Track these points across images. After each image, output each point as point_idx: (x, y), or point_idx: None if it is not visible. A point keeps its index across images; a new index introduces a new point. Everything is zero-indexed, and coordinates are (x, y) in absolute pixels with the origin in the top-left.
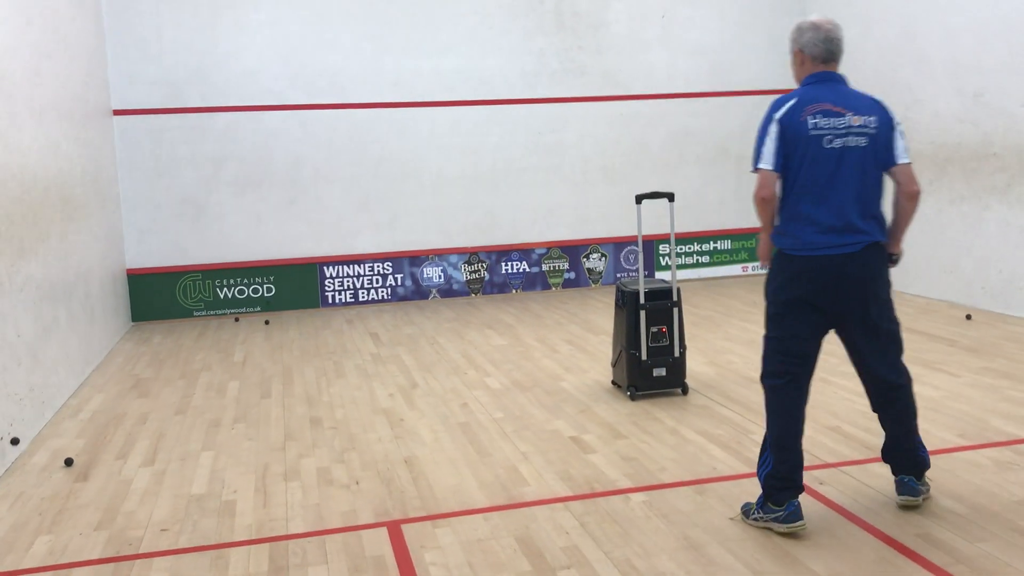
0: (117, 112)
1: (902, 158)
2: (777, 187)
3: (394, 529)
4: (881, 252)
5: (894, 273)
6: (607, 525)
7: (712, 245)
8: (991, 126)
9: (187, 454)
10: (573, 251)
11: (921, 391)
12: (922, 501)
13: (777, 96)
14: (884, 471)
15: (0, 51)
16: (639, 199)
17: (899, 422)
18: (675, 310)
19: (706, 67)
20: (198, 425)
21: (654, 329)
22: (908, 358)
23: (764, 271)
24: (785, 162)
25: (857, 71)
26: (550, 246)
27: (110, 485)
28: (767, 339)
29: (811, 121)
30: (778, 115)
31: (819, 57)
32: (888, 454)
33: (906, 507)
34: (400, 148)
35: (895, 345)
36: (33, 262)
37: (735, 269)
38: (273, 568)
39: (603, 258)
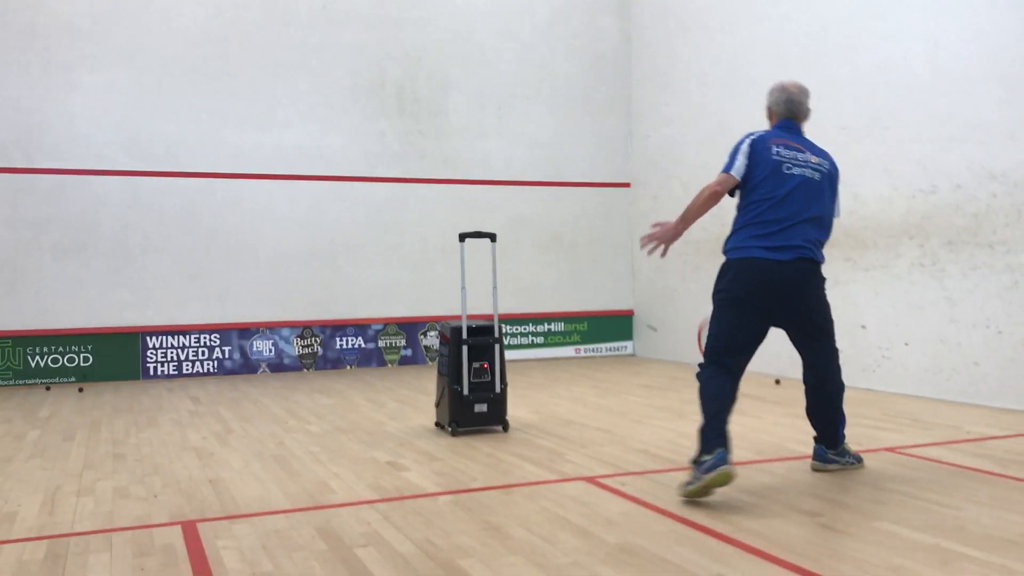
0: None
1: (839, 214)
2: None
3: (189, 527)
4: (815, 266)
5: None
6: (411, 517)
7: (546, 327)
8: None
9: None
10: (411, 328)
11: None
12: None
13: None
14: (683, 478)
15: None
16: (462, 237)
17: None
18: (496, 346)
19: (540, 157)
20: None
21: (476, 365)
22: None
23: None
24: (746, 179)
25: None
26: (387, 322)
27: None
28: (709, 336)
29: (775, 149)
30: (751, 138)
31: (781, 114)
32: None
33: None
34: (236, 220)
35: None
36: None
37: (568, 351)
38: (50, 556)
39: (439, 335)
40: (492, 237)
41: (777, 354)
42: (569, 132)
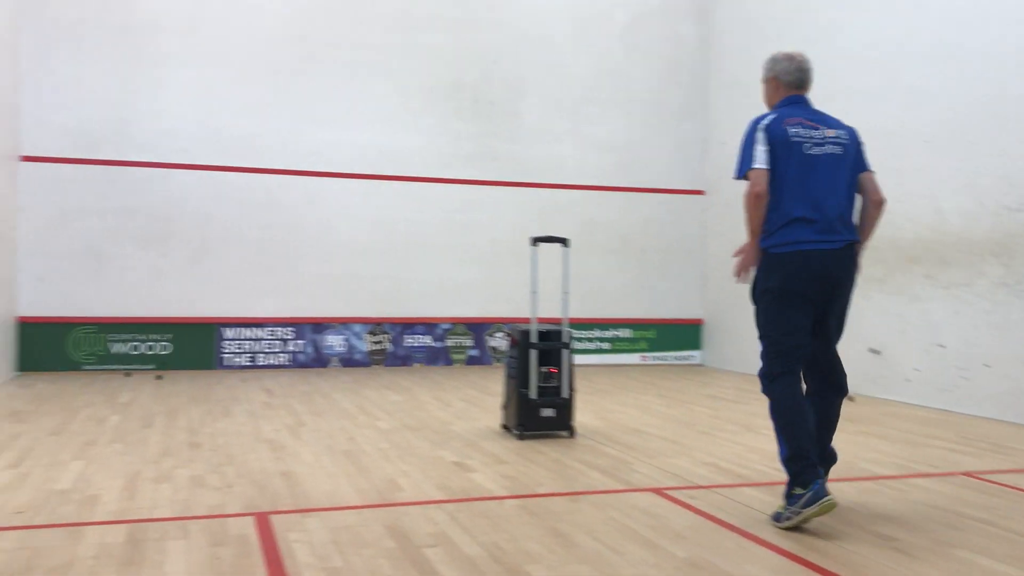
0: (26, 158)
1: (869, 166)
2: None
3: (262, 518)
4: (855, 252)
5: None
6: (478, 519)
7: (613, 333)
8: None
9: (55, 463)
10: (478, 328)
11: None
12: None
13: (754, 117)
14: (753, 494)
15: None
16: (535, 241)
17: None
18: (564, 351)
19: (613, 162)
20: (72, 444)
21: (544, 369)
22: None
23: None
24: (771, 166)
25: None
26: (456, 322)
27: None
28: (763, 339)
29: (791, 130)
30: (762, 124)
31: (792, 84)
32: None
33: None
34: (312, 216)
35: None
36: None
37: (634, 358)
38: (130, 540)
39: (507, 337)
40: (565, 242)
41: (851, 371)
42: (643, 137)
